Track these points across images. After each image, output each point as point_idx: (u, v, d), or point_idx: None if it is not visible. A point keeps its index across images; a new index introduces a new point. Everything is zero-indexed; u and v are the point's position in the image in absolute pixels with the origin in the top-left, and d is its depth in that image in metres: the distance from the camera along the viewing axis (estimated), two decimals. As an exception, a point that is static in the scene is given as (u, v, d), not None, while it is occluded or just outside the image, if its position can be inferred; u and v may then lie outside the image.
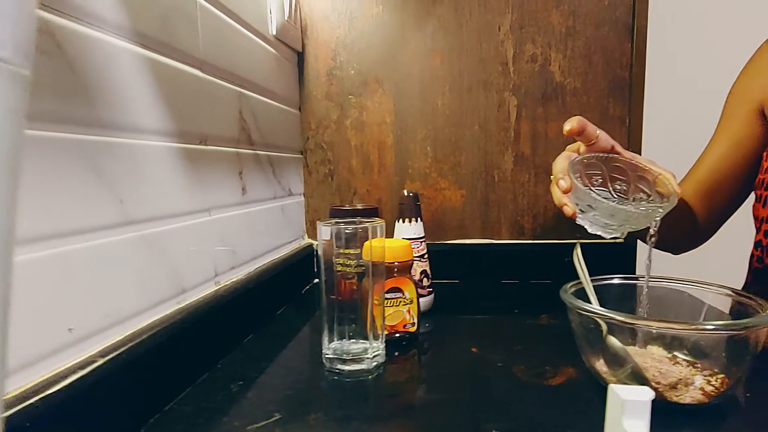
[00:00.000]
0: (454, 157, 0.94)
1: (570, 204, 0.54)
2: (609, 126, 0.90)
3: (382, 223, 0.55)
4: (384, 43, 0.93)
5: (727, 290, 0.51)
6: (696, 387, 0.43)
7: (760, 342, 0.44)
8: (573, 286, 0.52)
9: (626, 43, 0.88)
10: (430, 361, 0.60)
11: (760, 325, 0.42)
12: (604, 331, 0.47)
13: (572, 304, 0.47)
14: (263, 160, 0.77)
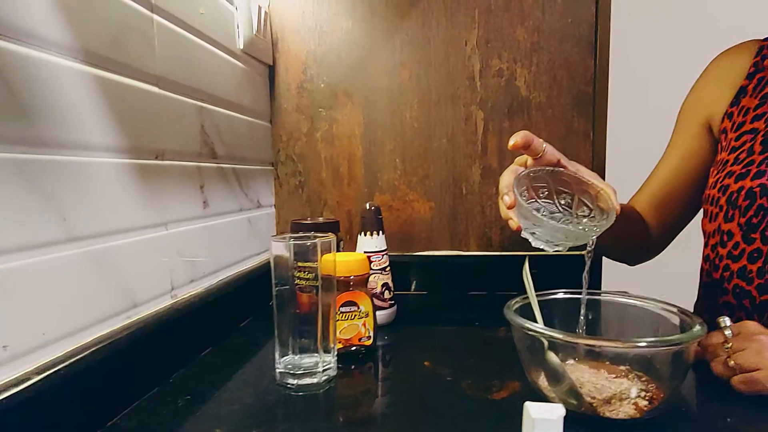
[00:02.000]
0: (423, 169, 0.95)
1: (515, 218, 0.54)
2: (574, 140, 0.91)
3: (332, 238, 0.56)
4: (353, 56, 0.94)
5: (665, 304, 0.52)
6: (630, 402, 0.44)
7: (690, 356, 0.45)
8: (519, 302, 0.53)
9: (589, 59, 0.90)
10: (381, 375, 0.60)
11: (688, 341, 0.43)
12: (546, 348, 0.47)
13: (513, 320, 0.48)
14: (228, 172, 0.78)
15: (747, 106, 0.64)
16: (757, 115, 0.62)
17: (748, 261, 0.58)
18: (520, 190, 0.55)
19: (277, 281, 0.54)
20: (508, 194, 0.54)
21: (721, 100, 0.67)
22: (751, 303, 0.58)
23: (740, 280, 0.59)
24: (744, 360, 0.48)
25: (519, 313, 0.51)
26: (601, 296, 0.55)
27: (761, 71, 0.64)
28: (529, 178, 0.57)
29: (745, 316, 0.58)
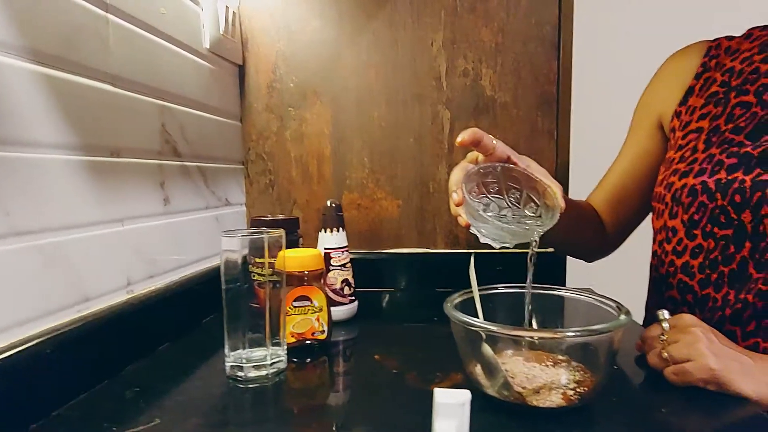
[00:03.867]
0: (391, 168, 0.96)
1: (463, 215, 0.56)
2: (538, 139, 0.93)
3: (281, 234, 0.57)
4: (322, 56, 0.95)
5: (598, 296, 0.53)
6: (559, 391, 0.45)
7: (616, 344, 0.46)
8: (461, 297, 0.54)
9: (553, 59, 0.91)
10: (330, 368, 0.61)
11: (612, 330, 0.44)
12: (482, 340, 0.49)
13: (450, 314, 0.49)
14: (193, 171, 0.79)
15: (694, 105, 0.65)
16: (702, 114, 0.63)
17: (690, 257, 0.60)
18: (470, 187, 0.56)
19: (227, 276, 0.55)
20: (456, 192, 0.55)
21: (671, 100, 0.68)
22: (693, 297, 0.59)
23: (684, 275, 0.60)
24: (676, 352, 0.49)
25: (461, 307, 0.53)
26: (541, 290, 0.56)
27: (708, 71, 0.66)
28: (480, 175, 0.58)
29: (688, 310, 0.60)
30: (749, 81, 0.60)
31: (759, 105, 0.58)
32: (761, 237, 0.53)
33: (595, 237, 0.75)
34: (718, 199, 0.56)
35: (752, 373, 0.47)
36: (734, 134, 0.58)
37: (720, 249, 0.56)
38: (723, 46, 0.67)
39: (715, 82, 0.64)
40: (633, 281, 0.80)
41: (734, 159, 0.56)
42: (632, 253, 0.82)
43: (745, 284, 0.54)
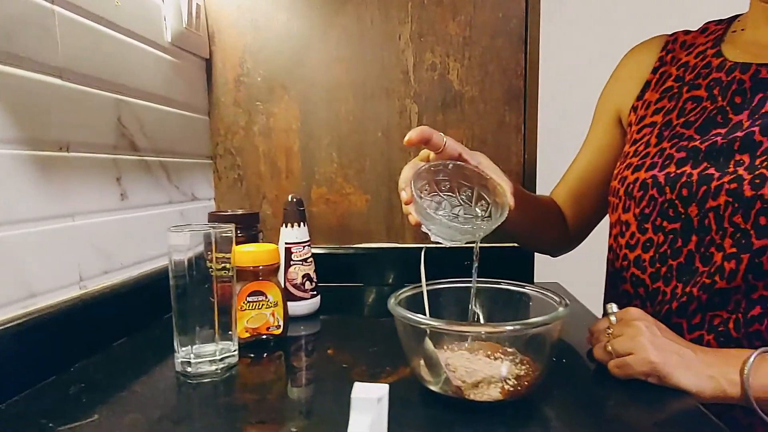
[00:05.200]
0: (359, 162, 0.96)
1: (413, 214, 0.55)
2: (506, 133, 0.93)
3: (230, 228, 0.57)
4: (289, 50, 0.94)
5: (544, 290, 0.53)
6: (497, 386, 0.45)
7: (554, 336, 0.46)
8: (408, 292, 0.54)
9: (520, 53, 0.91)
10: (283, 363, 0.61)
11: (550, 322, 0.44)
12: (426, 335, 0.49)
13: (393, 310, 0.49)
14: (154, 165, 0.78)
15: (649, 100, 0.65)
16: (657, 108, 0.63)
17: (642, 250, 0.60)
18: (420, 185, 0.56)
19: (175, 272, 0.55)
20: (404, 190, 0.54)
21: (629, 94, 0.68)
22: (645, 291, 0.60)
23: (636, 268, 0.61)
24: (619, 345, 0.49)
25: (408, 302, 0.53)
26: (489, 285, 0.57)
27: (664, 65, 0.66)
28: (430, 173, 0.58)
29: (640, 303, 0.60)
30: (701, 75, 0.60)
31: (709, 99, 0.58)
32: (706, 231, 0.53)
33: (557, 232, 0.76)
34: (667, 193, 0.56)
35: (693, 366, 0.47)
36: (685, 128, 0.58)
37: (669, 243, 0.56)
38: (679, 40, 0.67)
39: (670, 77, 0.64)
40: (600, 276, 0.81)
41: (683, 153, 0.56)
42: (600, 248, 0.82)
43: (692, 277, 0.54)
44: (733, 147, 0.53)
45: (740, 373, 0.46)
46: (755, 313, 0.49)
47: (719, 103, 0.57)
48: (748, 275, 0.49)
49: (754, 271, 0.49)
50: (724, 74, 0.58)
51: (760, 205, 0.48)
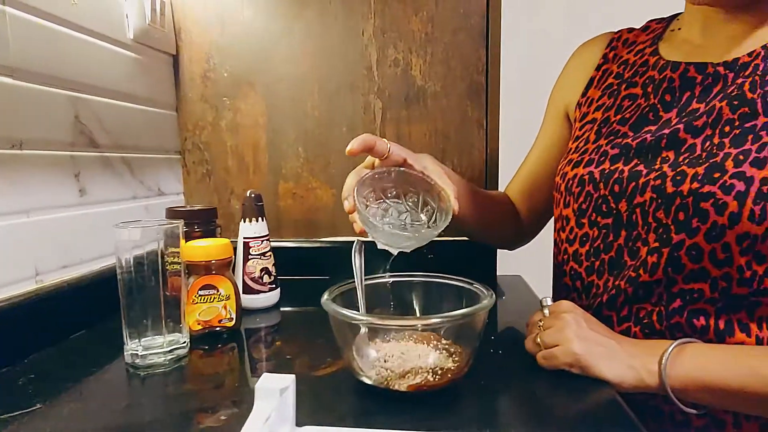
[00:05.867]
0: (324, 157, 0.97)
1: (358, 222, 0.56)
2: (468, 128, 0.94)
3: (177, 224, 0.58)
4: (255, 46, 0.95)
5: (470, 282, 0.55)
6: (423, 375, 0.47)
7: (478, 326, 0.49)
8: (340, 287, 0.56)
9: (481, 49, 0.92)
10: (233, 354, 0.63)
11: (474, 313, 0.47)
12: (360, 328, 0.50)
13: (326, 305, 0.50)
14: (116, 161, 0.80)
15: (591, 96, 0.66)
16: (598, 105, 0.65)
17: (579, 245, 0.61)
18: (365, 192, 0.56)
19: (122, 266, 0.57)
20: (347, 199, 0.54)
21: (575, 91, 0.70)
22: (581, 284, 0.61)
23: (574, 262, 0.62)
24: (547, 337, 0.51)
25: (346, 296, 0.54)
26: (425, 278, 0.58)
27: (607, 63, 0.67)
28: (375, 180, 0.58)
29: (577, 296, 0.62)
30: (638, 73, 0.62)
31: (644, 97, 0.59)
32: (634, 226, 0.54)
33: (510, 227, 0.77)
34: (601, 189, 0.57)
35: (615, 357, 0.49)
36: (621, 125, 0.60)
37: (602, 237, 0.58)
38: (623, 38, 0.68)
39: (612, 74, 0.65)
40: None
41: (617, 150, 0.58)
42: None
43: (621, 271, 0.56)
44: (660, 144, 0.54)
45: (659, 364, 0.48)
46: (676, 305, 0.51)
47: (651, 101, 0.58)
48: (668, 269, 0.51)
49: (673, 265, 0.50)
50: (657, 72, 0.59)
51: (680, 200, 0.50)
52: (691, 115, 0.53)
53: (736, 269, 0.47)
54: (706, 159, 0.50)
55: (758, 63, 0.51)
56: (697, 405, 0.49)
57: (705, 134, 0.51)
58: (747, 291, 0.48)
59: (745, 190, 0.46)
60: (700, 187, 0.48)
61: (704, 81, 0.54)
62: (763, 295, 0.47)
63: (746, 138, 0.48)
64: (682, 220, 0.49)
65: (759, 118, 0.48)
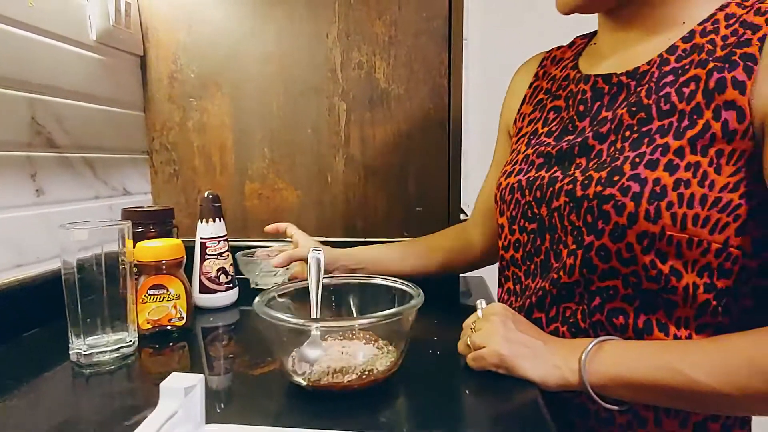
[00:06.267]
0: (290, 158, 0.98)
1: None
2: (432, 131, 0.95)
3: (124, 225, 0.59)
4: (222, 47, 0.96)
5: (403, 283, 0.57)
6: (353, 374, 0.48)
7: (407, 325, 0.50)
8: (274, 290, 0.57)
9: (444, 52, 0.93)
10: (181, 353, 0.64)
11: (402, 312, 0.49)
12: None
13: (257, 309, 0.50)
14: (76, 161, 0.81)
15: (524, 112, 0.70)
16: (530, 119, 0.68)
17: (514, 251, 0.63)
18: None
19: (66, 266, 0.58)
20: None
21: (513, 109, 0.73)
22: (520, 288, 0.63)
23: (514, 267, 0.64)
24: (477, 338, 0.52)
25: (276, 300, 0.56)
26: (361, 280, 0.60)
27: (537, 80, 0.70)
28: None
29: (515, 299, 0.63)
30: (562, 87, 0.65)
31: (566, 110, 0.62)
32: (555, 229, 0.56)
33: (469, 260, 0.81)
34: (527, 196, 0.59)
35: (540, 357, 0.50)
36: (546, 137, 0.62)
37: (531, 242, 0.60)
38: (552, 55, 0.72)
39: (542, 90, 0.69)
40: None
41: (541, 159, 0.60)
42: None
43: (548, 273, 0.57)
44: (574, 151, 0.57)
45: (578, 361, 0.49)
46: (596, 303, 0.53)
47: (570, 113, 0.61)
48: (583, 269, 0.52)
49: (587, 266, 0.52)
50: (574, 85, 0.62)
51: (587, 204, 0.51)
52: (600, 123, 0.56)
53: (641, 267, 0.49)
54: (609, 163, 0.51)
55: (654, 71, 0.53)
56: (620, 401, 0.50)
57: (610, 140, 0.54)
58: (657, 287, 0.49)
59: (640, 191, 0.48)
60: (602, 190, 0.50)
61: (611, 91, 0.57)
62: (674, 293, 0.49)
63: (642, 141, 0.50)
64: (590, 222, 0.51)
65: (654, 122, 0.50)
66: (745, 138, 0.46)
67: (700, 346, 0.46)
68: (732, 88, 0.46)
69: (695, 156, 0.47)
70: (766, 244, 0.48)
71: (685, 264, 0.48)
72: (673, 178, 0.47)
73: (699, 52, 0.50)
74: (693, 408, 0.49)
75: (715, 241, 0.47)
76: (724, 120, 0.46)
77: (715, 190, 0.46)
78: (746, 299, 0.50)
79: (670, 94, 0.50)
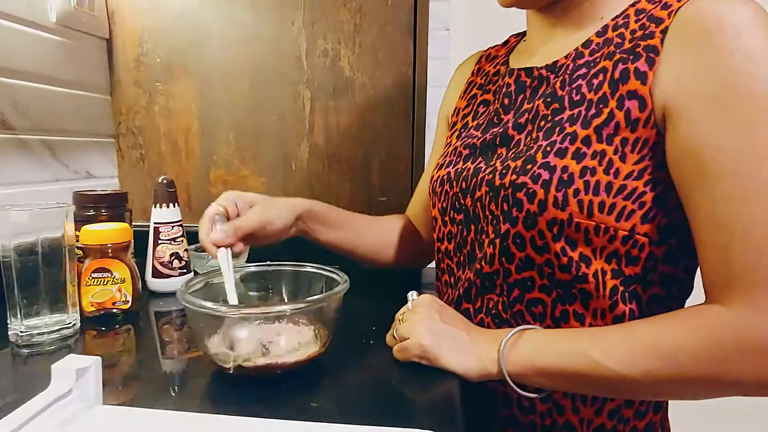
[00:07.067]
0: (255, 145, 0.98)
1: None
2: (395, 120, 0.95)
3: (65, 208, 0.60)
4: (188, 31, 0.96)
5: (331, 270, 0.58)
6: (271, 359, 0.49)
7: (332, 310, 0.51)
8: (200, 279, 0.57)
9: (409, 41, 0.92)
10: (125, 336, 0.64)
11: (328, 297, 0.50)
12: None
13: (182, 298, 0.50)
14: (35, 144, 0.81)
15: (458, 107, 0.70)
16: (463, 114, 0.68)
17: (447, 242, 0.63)
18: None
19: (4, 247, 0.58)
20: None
21: (452, 104, 0.72)
22: (454, 280, 0.63)
23: (447, 259, 0.64)
24: (402, 330, 0.53)
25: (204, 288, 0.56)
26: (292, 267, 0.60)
27: (473, 76, 0.71)
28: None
29: (451, 291, 0.63)
30: (492, 82, 0.66)
31: (494, 102, 0.63)
32: (478, 219, 0.57)
33: (404, 248, 0.77)
34: (454, 187, 0.60)
35: (462, 348, 0.51)
36: (475, 130, 0.63)
37: (459, 233, 0.60)
38: (487, 53, 0.72)
39: (475, 86, 0.69)
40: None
41: (468, 150, 0.61)
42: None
43: (473, 264, 0.57)
44: (496, 142, 0.57)
45: (497, 351, 0.49)
46: (515, 294, 0.53)
47: (496, 106, 0.62)
48: (502, 258, 0.53)
49: (505, 255, 0.52)
50: (501, 79, 0.63)
51: (503, 192, 0.52)
52: (521, 114, 0.56)
53: (554, 255, 0.49)
54: (524, 152, 0.52)
55: (569, 63, 0.54)
56: (540, 390, 0.50)
57: (527, 130, 0.54)
58: (569, 277, 0.50)
59: (549, 178, 0.48)
60: (516, 178, 0.50)
61: (532, 84, 0.58)
62: (585, 281, 0.49)
63: (554, 130, 0.51)
64: (506, 210, 0.51)
65: (565, 111, 0.51)
66: (647, 126, 0.47)
67: (609, 332, 0.47)
68: (634, 78, 0.47)
69: (601, 144, 0.48)
70: (671, 231, 0.49)
71: (593, 251, 0.49)
72: (580, 166, 0.48)
73: (609, 45, 0.51)
74: (605, 393, 0.50)
75: (621, 228, 0.47)
76: (627, 109, 0.47)
77: (620, 178, 0.47)
78: (655, 287, 0.50)
79: (581, 86, 0.51)
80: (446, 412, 0.45)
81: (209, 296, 0.55)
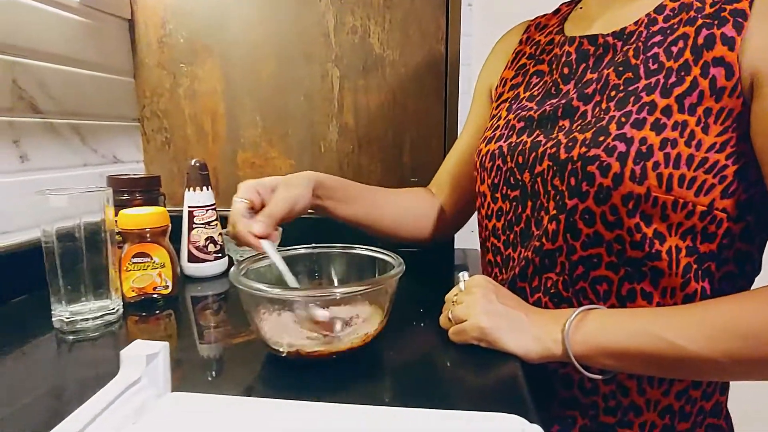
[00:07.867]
0: (282, 127, 0.96)
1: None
2: (426, 98, 0.92)
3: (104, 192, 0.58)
4: (211, 11, 0.93)
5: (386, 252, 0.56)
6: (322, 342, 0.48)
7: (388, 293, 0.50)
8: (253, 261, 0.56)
9: (441, 17, 0.89)
10: (167, 321, 0.64)
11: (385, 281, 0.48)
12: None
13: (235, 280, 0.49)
14: (63, 128, 0.79)
15: (506, 77, 0.67)
16: (512, 85, 0.66)
17: (496, 219, 0.61)
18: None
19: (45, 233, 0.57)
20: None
21: (496, 74, 0.70)
22: (501, 259, 0.61)
23: (494, 237, 0.62)
24: (458, 312, 0.51)
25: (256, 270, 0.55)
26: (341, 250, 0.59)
27: (521, 45, 0.68)
28: None
29: (498, 271, 0.62)
30: (545, 51, 0.63)
31: (549, 74, 0.60)
32: (537, 195, 0.54)
33: (423, 222, 0.74)
34: (509, 162, 0.57)
35: (522, 329, 0.49)
36: (528, 101, 0.60)
37: (513, 210, 0.58)
38: (537, 22, 0.69)
39: (524, 55, 0.66)
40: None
41: (522, 123, 0.58)
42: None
43: (529, 242, 0.55)
44: (557, 114, 0.55)
45: (562, 331, 0.48)
46: (579, 272, 0.51)
47: (554, 76, 0.59)
48: (567, 235, 0.51)
49: (570, 231, 0.50)
50: (558, 48, 0.60)
51: (570, 166, 0.49)
52: (586, 84, 0.54)
53: (626, 231, 0.47)
54: (594, 124, 0.50)
55: (641, 30, 0.51)
56: (604, 371, 0.49)
57: (594, 101, 0.52)
58: (641, 254, 0.48)
59: (625, 150, 0.46)
60: (587, 151, 0.48)
61: (596, 52, 0.55)
62: (658, 258, 0.47)
63: (628, 100, 0.48)
64: (574, 185, 0.49)
65: (641, 81, 0.49)
66: (733, 96, 0.44)
67: (683, 311, 0.45)
68: (721, 44, 0.45)
69: (683, 115, 0.45)
70: (750, 207, 0.47)
71: (669, 227, 0.47)
72: (660, 138, 0.45)
73: (687, 10, 0.48)
74: (677, 375, 0.49)
75: (700, 203, 0.45)
76: (712, 77, 0.45)
77: (702, 150, 0.45)
78: (729, 264, 0.49)
79: (658, 54, 0.48)
80: (513, 395, 0.44)
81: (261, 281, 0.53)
